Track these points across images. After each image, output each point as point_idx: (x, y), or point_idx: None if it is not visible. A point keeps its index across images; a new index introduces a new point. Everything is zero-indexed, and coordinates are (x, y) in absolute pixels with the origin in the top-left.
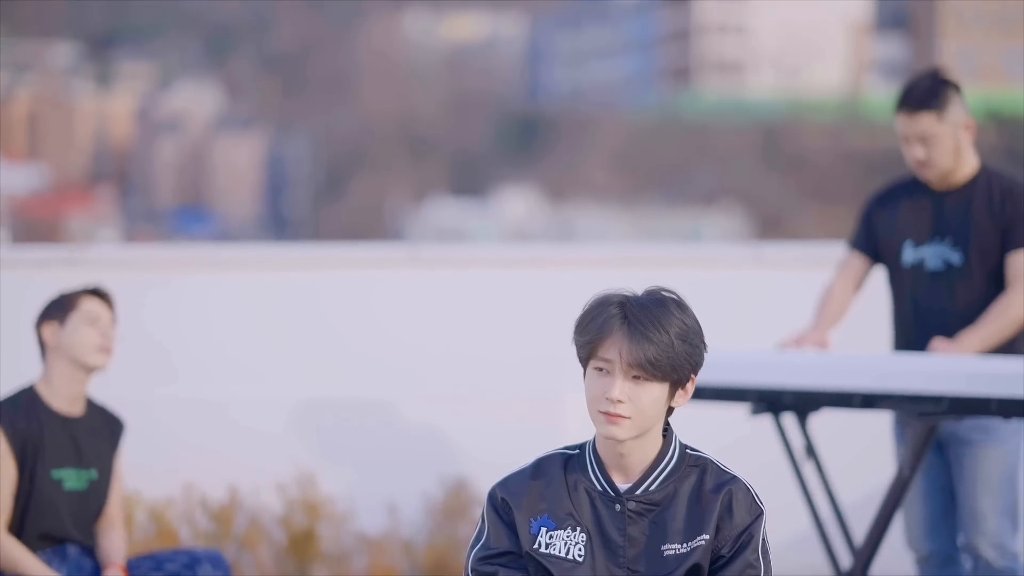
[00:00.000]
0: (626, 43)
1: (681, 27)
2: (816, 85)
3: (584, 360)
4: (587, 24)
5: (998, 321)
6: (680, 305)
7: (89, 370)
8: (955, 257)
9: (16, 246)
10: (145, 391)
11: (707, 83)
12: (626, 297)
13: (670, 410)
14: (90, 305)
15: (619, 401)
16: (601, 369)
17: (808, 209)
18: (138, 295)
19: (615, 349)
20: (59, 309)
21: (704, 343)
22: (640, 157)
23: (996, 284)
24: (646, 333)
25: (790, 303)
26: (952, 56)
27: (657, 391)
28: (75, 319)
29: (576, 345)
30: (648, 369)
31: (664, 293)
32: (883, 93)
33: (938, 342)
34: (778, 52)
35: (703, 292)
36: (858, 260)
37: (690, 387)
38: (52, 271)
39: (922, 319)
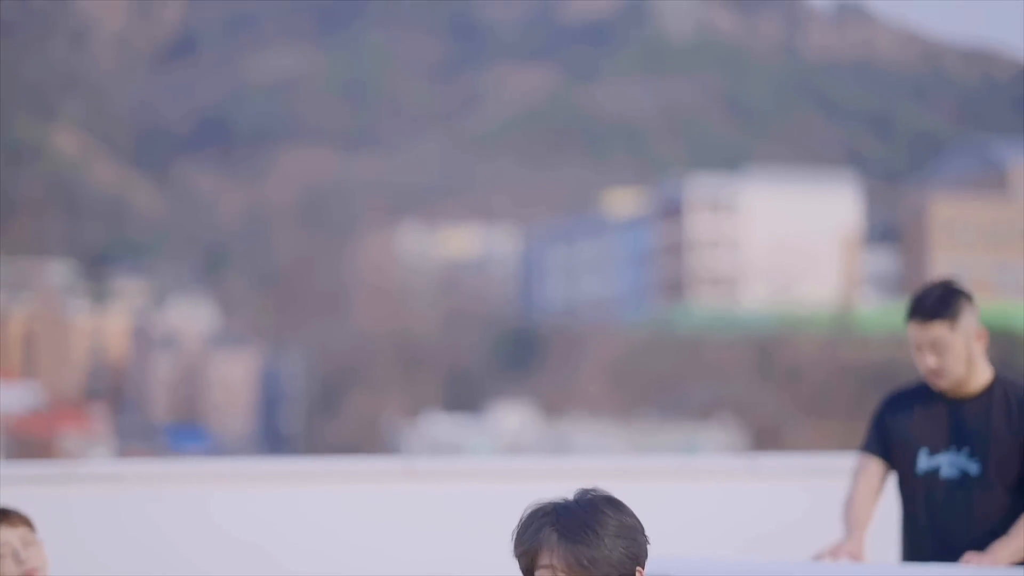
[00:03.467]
0: (619, 257)
1: (674, 242)
2: (808, 298)
3: (527, 573)
4: (580, 238)
5: None
6: (612, 502)
7: None
8: (973, 467)
9: (10, 462)
10: None
11: (700, 297)
12: (556, 504)
13: None
14: None
15: None
16: None
17: (803, 422)
18: (132, 510)
19: (550, 557)
20: None
21: (645, 536)
22: (634, 371)
23: (1014, 496)
24: (577, 537)
25: (785, 514)
26: (943, 269)
27: None
28: None
29: (515, 558)
30: (587, 570)
31: (594, 494)
32: (875, 306)
33: (970, 555)
34: (770, 266)
35: (698, 504)
36: (875, 466)
37: None
38: (47, 487)
39: (938, 529)
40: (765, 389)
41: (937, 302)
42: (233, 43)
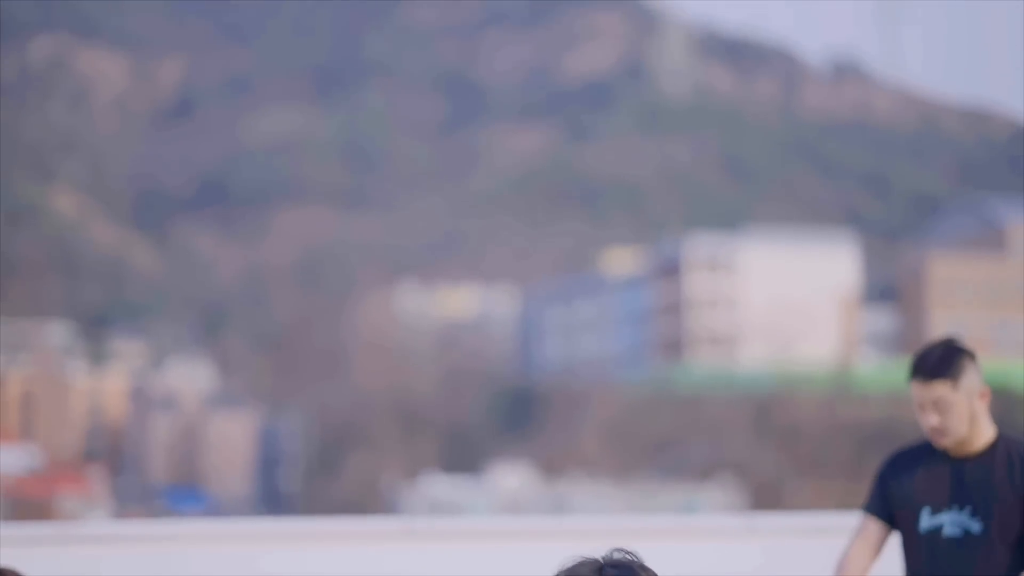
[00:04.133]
0: (617, 317)
1: (672, 301)
2: (807, 357)
3: None
4: (578, 298)
5: None
6: (644, 568)
7: None
8: (975, 526)
9: (8, 524)
10: None
11: (699, 356)
12: (597, 571)
13: None
14: None
15: None
16: None
17: (803, 481)
18: (130, 571)
19: None
20: None
21: None
22: (633, 430)
23: (1016, 554)
24: None
25: (784, 573)
26: (941, 327)
27: None
28: None
29: None
30: None
31: (628, 557)
32: (873, 364)
33: None
34: (769, 325)
35: (697, 563)
36: (875, 525)
37: None
38: (45, 548)
39: None
40: (764, 448)
41: (939, 361)
42: (232, 104)
